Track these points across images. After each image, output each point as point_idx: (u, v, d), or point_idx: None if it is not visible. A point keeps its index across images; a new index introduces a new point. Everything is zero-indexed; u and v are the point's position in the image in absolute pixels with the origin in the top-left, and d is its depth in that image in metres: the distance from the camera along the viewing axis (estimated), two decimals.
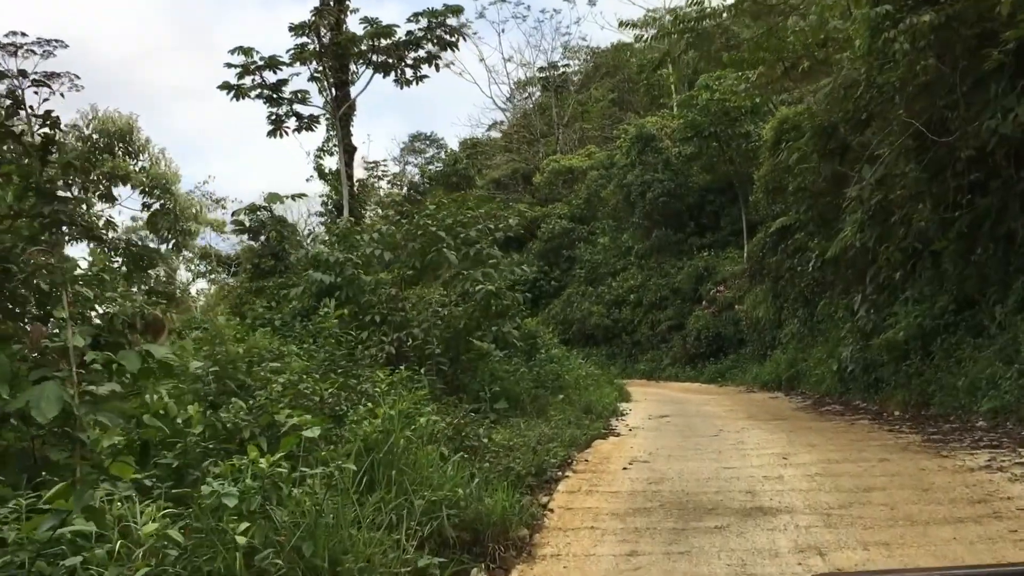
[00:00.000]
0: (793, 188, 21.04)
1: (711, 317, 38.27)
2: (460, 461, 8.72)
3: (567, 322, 46.64)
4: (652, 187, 42.85)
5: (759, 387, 29.76)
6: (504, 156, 63.07)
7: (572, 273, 49.60)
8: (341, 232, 15.94)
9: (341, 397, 9.26)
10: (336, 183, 24.40)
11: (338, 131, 21.57)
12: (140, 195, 26.69)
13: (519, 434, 12.95)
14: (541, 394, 17.40)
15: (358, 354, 14.05)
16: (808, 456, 11.12)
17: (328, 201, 28.59)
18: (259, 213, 20.52)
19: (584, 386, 21.34)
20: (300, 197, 18.22)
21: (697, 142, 41.09)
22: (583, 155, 54.11)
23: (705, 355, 37.87)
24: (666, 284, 42.26)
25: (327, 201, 29.39)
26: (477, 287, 14.73)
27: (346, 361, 13.18)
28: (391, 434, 7.90)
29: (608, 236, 48.76)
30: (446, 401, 14.11)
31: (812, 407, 20.41)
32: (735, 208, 42.44)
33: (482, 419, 13.63)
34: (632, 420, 18.18)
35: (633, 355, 43.29)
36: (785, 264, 26.75)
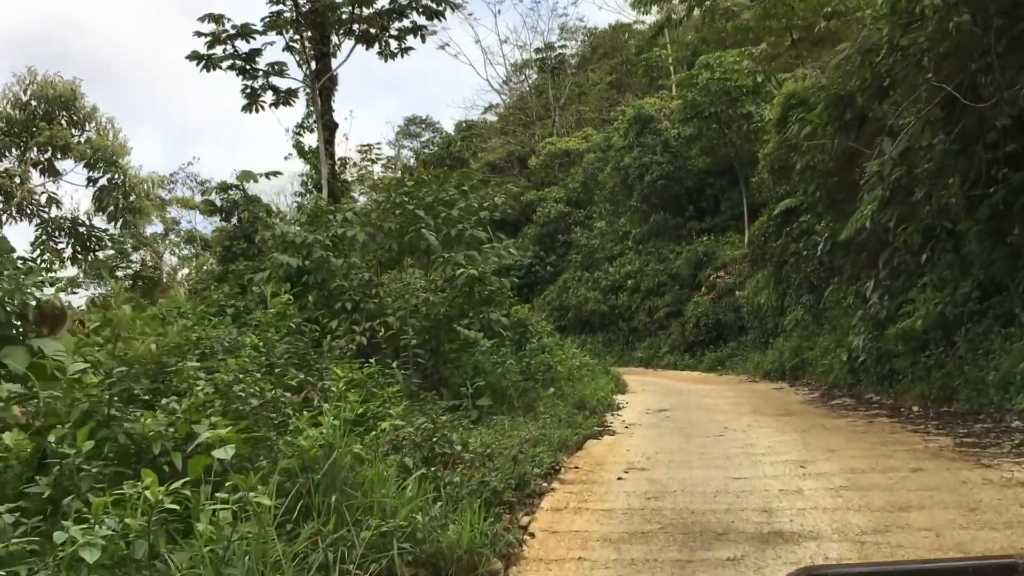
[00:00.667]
0: (801, 167, 19.53)
1: (711, 303, 36.86)
2: (424, 477, 7.28)
3: (563, 308, 45.25)
4: (650, 170, 41.37)
5: (761, 376, 28.38)
6: (500, 139, 61.46)
7: (568, 258, 48.13)
8: (312, 210, 14.47)
9: (285, 401, 7.79)
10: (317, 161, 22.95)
11: (317, 106, 20.04)
12: (84, 168, 24.57)
13: (503, 435, 11.53)
14: (530, 387, 15.99)
15: (326, 346, 12.65)
16: (828, 464, 9.67)
17: (308, 181, 27.07)
18: (231, 192, 19.01)
19: (578, 377, 19.91)
20: (274, 175, 16.80)
21: (697, 123, 39.52)
22: (580, 137, 52.55)
23: (704, 343, 36.47)
24: (664, 269, 40.81)
25: (307, 181, 27.86)
26: (459, 272, 13.26)
27: (310, 354, 11.76)
28: (335, 448, 6.46)
29: (605, 220, 47.26)
30: (423, 398, 12.71)
31: (821, 400, 18.99)
32: (735, 191, 40.97)
33: (461, 418, 12.21)
34: (629, 415, 16.76)
35: (630, 342, 41.88)
36: (790, 248, 25.30)
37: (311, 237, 13.19)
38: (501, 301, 14.86)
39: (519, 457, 9.06)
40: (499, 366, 14.92)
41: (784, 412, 16.60)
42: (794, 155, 21.26)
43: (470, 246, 14.73)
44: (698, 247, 39.30)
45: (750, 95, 37.91)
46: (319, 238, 13.27)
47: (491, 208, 15.00)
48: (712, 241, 39.55)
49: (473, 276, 13.16)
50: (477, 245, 14.58)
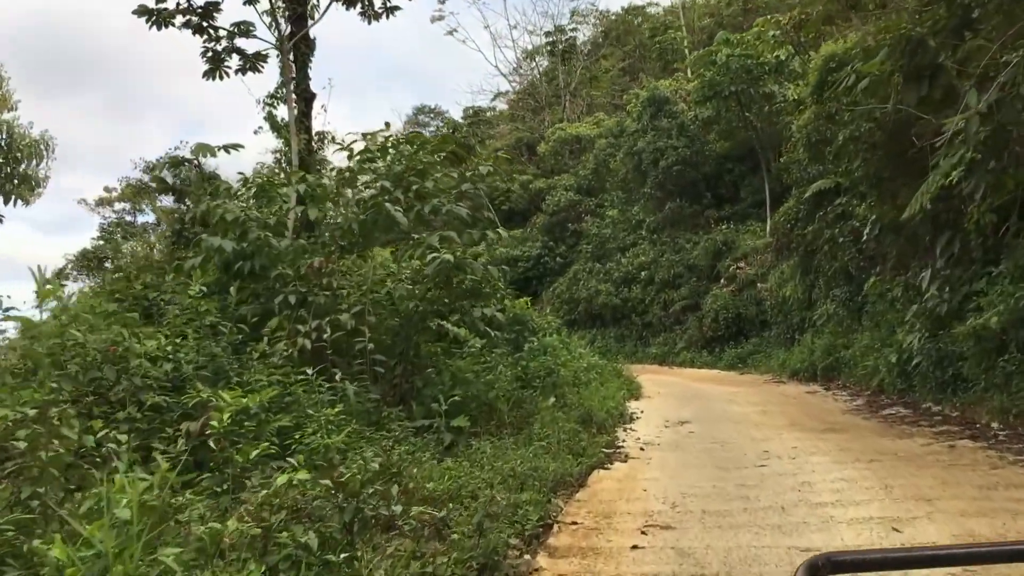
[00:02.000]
0: (844, 138, 16.51)
1: (730, 296, 33.81)
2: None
3: (573, 301, 42.34)
4: (665, 154, 38.36)
5: (788, 376, 25.37)
6: (508, 125, 58.45)
7: (578, 249, 45.13)
8: (257, 184, 11.57)
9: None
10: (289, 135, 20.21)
11: (287, 70, 17.12)
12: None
13: (481, 468, 8.65)
14: (527, 397, 13.12)
15: (261, 350, 9.79)
16: (933, 526, 6.69)
17: (282, 158, 24.19)
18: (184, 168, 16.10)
19: (585, 382, 17.01)
20: (234, 148, 13.89)
21: (715, 104, 36.46)
22: (591, 123, 49.50)
23: (724, 338, 33.43)
24: (680, 260, 37.78)
25: (281, 158, 24.93)
26: (430, 257, 10.34)
27: (228, 363, 8.89)
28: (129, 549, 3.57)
29: (617, 209, 44.20)
30: (385, 417, 9.87)
31: (868, 408, 16.00)
32: (757, 177, 37.93)
33: (428, 445, 9.33)
34: (645, 429, 13.85)
35: (644, 337, 38.86)
36: (823, 234, 22.26)
37: (244, 214, 10.30)
38: (490, 294, 11.91)
39: (486, 525, 6.10)
40: (487, 373, 12.03)
41: (830, 426, 13.63)
42: (834, 127, 18.25)
43: (450, 226, 11.83)
44: (717, 236, 36.21)
45: (772, 73, 34.86)
46: (256, 215, 10.37)
47: (476, 179, 12.05)
48: (732, 230, 36.47)
49: (448, 262, 10.24)
50: (458, 225, 11.66)
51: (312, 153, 20.33)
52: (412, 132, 11.35)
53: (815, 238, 23.28)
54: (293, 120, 17.32)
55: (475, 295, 11.77)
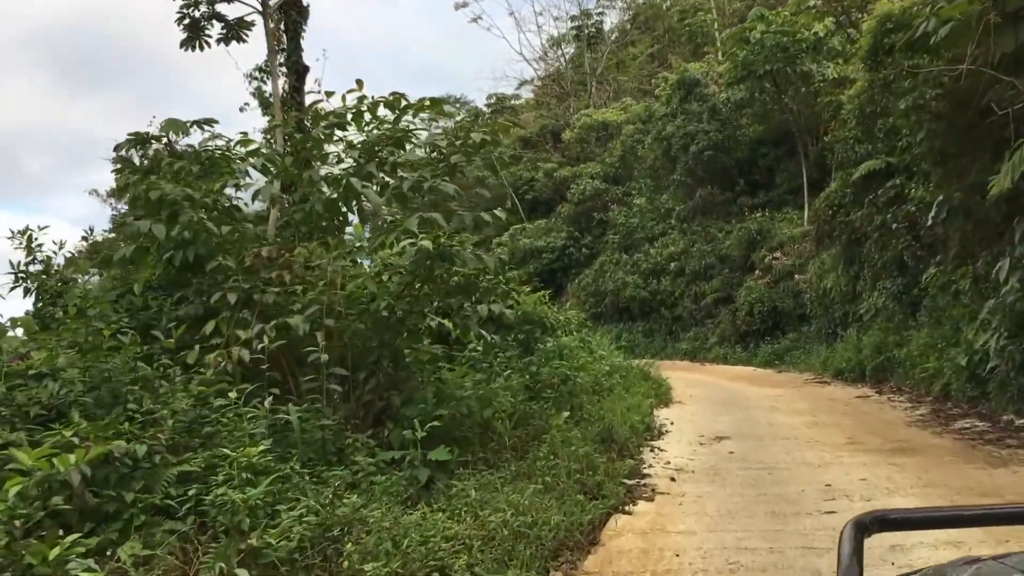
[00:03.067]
0: (905, 107, 14.10)
1: (766, 288, 31.32)
2: None
3: (599, 294, 40.00)
4: (696, 139, 35.88)
5: (832, 375, 22.95)
6: (533, 113, 56.06)
7: (605, 239, 42.72)
8: (206, 156, 9.39)
9: None
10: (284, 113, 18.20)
11: (271, 37, 14.99)
12: None
13: (458, 522, 6.47)
14: (536, 411, 10.89)
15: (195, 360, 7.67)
16: None
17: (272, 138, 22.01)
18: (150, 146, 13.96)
19: (607, 388, 14.74)
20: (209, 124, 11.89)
21: (749, 85, 33.89)
22: (618, 108, 47.03)
23: (759, 333, 30.96)
24: (712, 250, 35.30)
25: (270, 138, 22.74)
26: (405, 243, 8.10)
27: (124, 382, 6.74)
28: None
29: (645, 197, 41.74)
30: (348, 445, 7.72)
31: (935, 420, 13.60)
32: (793, 162, 35.38)
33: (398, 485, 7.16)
34: (674, 448, 11.56)
35: (674, 332, 36.45)
36: (874, 220, 19.77)
37: (172, 192, 8.13)
38: (491, 289, 9.67)
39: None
40: (485, 384, 9.82)
41: (899, 445, 11.27)
42: (891, 98, 15.82)
43: (437, 206, 9.63)
44: (751, 225, 33.67)
45: (810, 51, 32.27)
46: (189, 192, 8.20)
47: (469, 149, 9.78)
48: (766, 218, 33.91)
49: (426, 250, 8.01)
50: (445, 205, 9.44)
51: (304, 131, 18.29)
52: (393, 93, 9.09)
53: (863, 224, 20.80)
54: (277, 96, 15.23)
55: (469, 290, 9.54)
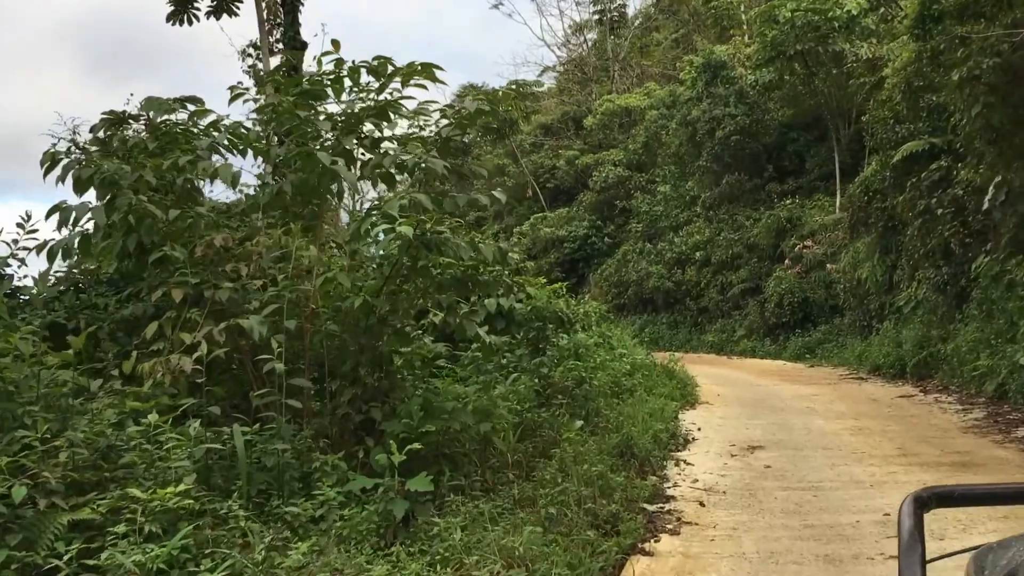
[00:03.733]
0: (960, 77, 12.57)
1: (796, 279, 29.73)
2: None
3: (622, 284, 38.57)
4: (722, 124, 34.28)
5: (868, 371, 21.45)
6: (554, 99, 54.48)
7: (628, 228, 41.20)
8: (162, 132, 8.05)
9: None
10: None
11: (261, 8, 13.68)
12: None
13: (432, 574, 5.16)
14: (545, 421, 9.57)
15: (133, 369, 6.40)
16: None
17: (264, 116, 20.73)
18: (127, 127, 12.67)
19: (628, 389, 13.36)
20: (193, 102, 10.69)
21: (778, 66, 32.22)
22: (641, 93, 45.39)
23: (789, 325, 29.42)
24: (739, 239, 33.71)
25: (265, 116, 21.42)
26: (378, 229, 6.73)
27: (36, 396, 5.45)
28: None
29: (670, 184, 40.14)
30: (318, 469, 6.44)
31: (992, 425, 12.12)
32: (824, 147, 33.74)
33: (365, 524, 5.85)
34: (703, 462, 10.17)
35: (700, 324, 34.94)
36: (917, 205, 18.19)
37: (111, 169, 6.83)
38: (491, 282, 8.29)
39: None
40: (481, 394, 8.49)
41: (959, 459, 9.82)
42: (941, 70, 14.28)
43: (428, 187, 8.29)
44: (780, 212, 32.03)
45: (842, 31, 30.54)
46: (125, 169, 6.90)
47: (463, 121, 8.39)
48: (796, 205, 32.27)
49: (404, 237, 6.66)
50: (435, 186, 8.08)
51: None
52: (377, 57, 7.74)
53: (904, 210, 19.22)
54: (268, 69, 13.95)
55: (466, 284, 8.17)
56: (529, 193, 47.52)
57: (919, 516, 1.58)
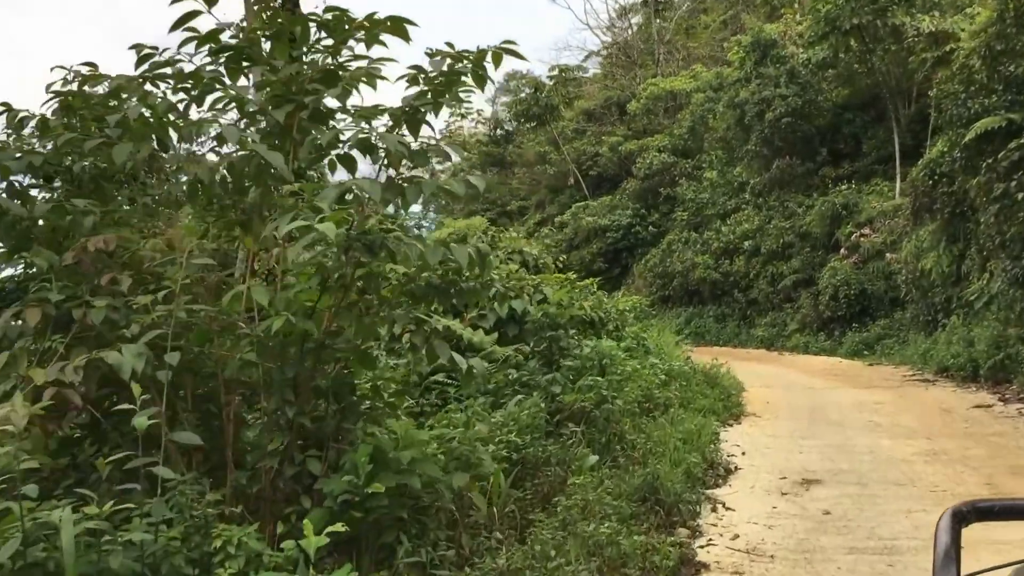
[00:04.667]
0: None
1: (852, 269, 27.45)
2: None
3: (666, 275, 36.50)
4: (772, 105, 31.98)
5: (935, 372, 19.26)
6: (597, 84, 52.30)
7: (673, 217, 39.07)
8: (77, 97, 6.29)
9: None
10: None
11: None
12: None
13: None
14: (552, 456, 7.76)
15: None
16: None
17: None
18: None
19: (661, 403, 11.46)
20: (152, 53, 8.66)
21: (832, 42, 29.88)
22: (687, 76, 43.07)
23: (844, 319, 27.17)
24: (791, 227, 31.43)
25: None
26: (290, 227, 4.89)
27: None
28: None
29: (716, 170, 37.87)
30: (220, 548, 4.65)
31: None
32: (882, 128, 31.29)
33: None
34: (745, 506, 8.23)
35: (748, 317, 32.73)
36: (994, 189, 15.93)
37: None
38: (475, 291, 6.39)
39: None
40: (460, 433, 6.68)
41: None
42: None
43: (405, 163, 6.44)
44: (835, 199, 29.63)
45: (902, 3, 28.07)
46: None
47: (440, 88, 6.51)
48: (853, 190, 29.84)
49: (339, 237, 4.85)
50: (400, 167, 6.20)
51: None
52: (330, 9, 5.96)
53: (977, 194, 16.95)
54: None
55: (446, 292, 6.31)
56: (571, 181, 45.57)
57: (956, 532, 1.55)
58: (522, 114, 46.45)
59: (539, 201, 49.35)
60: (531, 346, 9.63)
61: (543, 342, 9.55)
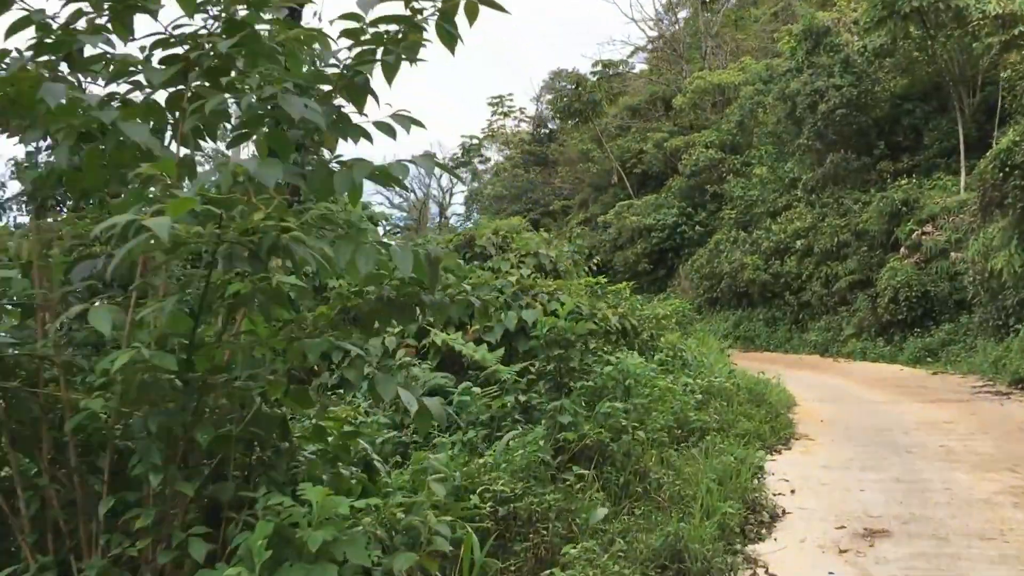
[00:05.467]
0: None
1: (914, 269, 25.36)
2: None
3: (714, 277, 34.60)
4: (826, 96, 29.99)
5: (1010, 382, 17.32)
6: (642, 80, 50.41)
7: (720, 215, 37.17)
8: None
9: None
10: None
11: None
12: None
13: None
14: (550, 507, 6.20)
15: None
16: None
17: None
18: None
19: (696, 427, 9.82)
20: None
21: (891, 27, 27.84)
22: (736, 69, 41.04)
23: (905, 323, 25.10)
24: (846, 225, 29.37)
25: None
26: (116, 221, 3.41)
27: None
28: None
29: (766, 166, 35.88)
30: None
31: None
32: (944, 119, 29.13)
33: None
34: (792, 569, 6.54)
35: (801, 321, 30.69)
36: None
37: None
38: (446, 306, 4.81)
39: None
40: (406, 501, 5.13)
41: None
42: None
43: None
44: (894, 194, 27.49)
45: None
46: None
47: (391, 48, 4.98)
48: (913, 185, 27.68)
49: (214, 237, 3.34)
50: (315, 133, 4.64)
51: None
52: None
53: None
54: None
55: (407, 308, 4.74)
56: (614, 179, 43.78)
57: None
58: (564, 110, 44.77)
59: (582, 200, 47.64)
60: (537, 365, 8.06)
61: (551, 361, 7.96)
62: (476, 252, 11.43)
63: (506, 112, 54.80)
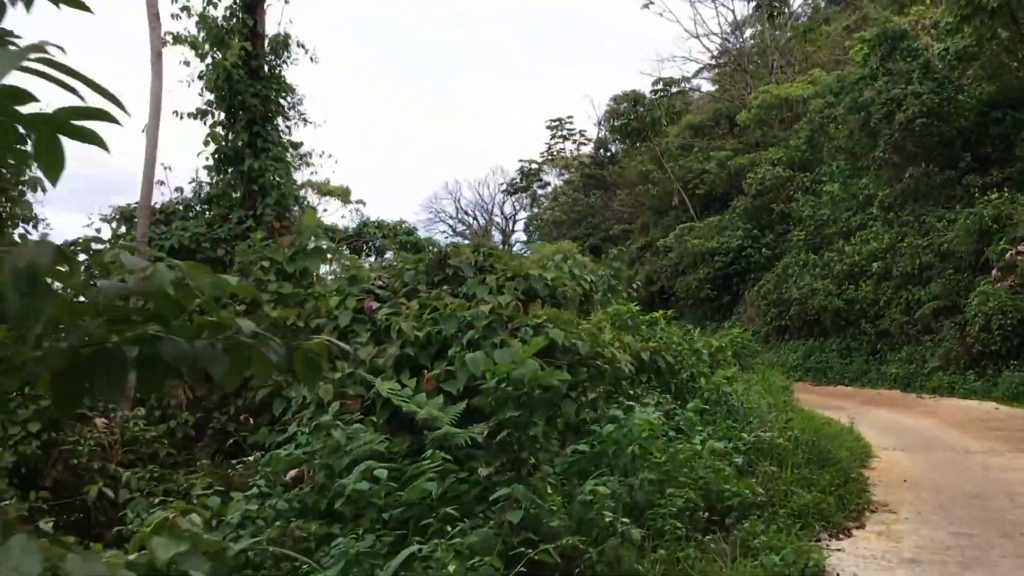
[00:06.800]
0: None
1: (1008, 294, 22.06)
2: None
3: (782, 303, 31.56)
4: (903, 105, 26.86)
5: None
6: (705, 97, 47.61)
7: (788, 237, 34.11)
8: None
9: None
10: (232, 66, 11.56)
11: None
12: None
13: None
14: None
15: None
16: None
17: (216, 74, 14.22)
18: None
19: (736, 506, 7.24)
20: None
21: (976, 26, 24.70)
22: (804, 82, 38.03)
23: (1000, 355, 21.76)
24: (929, 245, 26.11)
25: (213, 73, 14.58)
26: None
27: None
28: None
29: (838, 183, 32.72)
30: None
31: None
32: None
33: None
34: None
35: (879, 352, 27.40)
36: None
37: None
38: None
39: None
40: None
41: None
42: None
43: None
44: (983, 210, 24.20)
45: None
46: None
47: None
48: (1005, 200, 24.32)
49: None
50: None
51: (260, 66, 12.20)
52: None
53: None
54: None
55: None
56: (675, 201, 41.01)
57: None
58: (621, 129, 42.29)
59: (643, 224, 44.95)
60: (484, 431, 5.65)
61: (506, 429, 5.53)
62: (448, 275, 9.00)
63: (565, 135, 52.53)
